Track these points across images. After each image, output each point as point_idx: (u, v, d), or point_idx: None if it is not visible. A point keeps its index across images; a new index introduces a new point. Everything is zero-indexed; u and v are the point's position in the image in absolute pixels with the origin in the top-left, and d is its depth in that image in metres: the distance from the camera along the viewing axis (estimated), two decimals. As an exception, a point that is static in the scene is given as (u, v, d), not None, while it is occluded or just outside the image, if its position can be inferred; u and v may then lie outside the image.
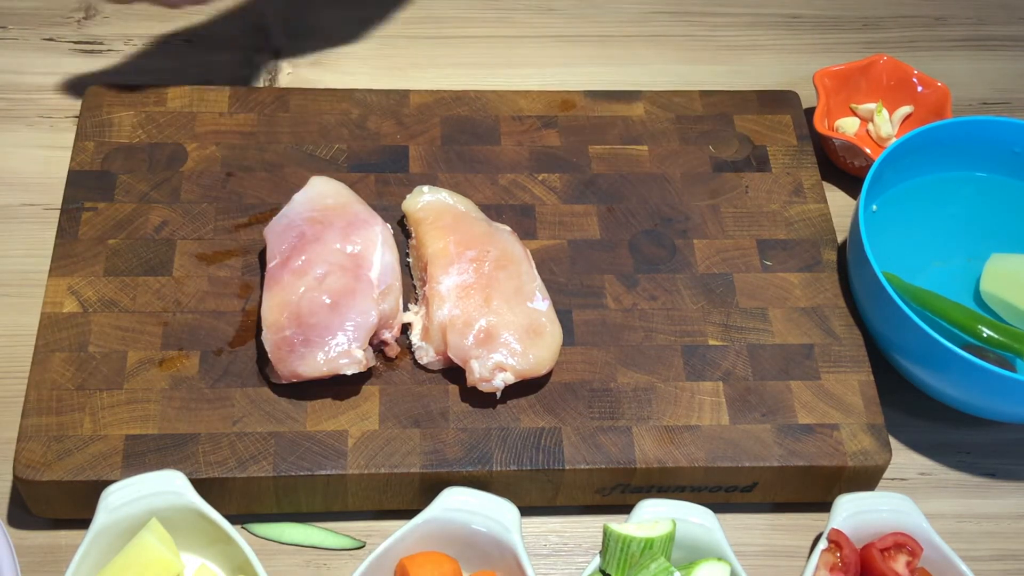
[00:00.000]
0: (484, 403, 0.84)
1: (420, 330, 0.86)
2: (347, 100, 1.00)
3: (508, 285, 0.86)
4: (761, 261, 0.93)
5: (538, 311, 0.85)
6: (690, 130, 1.01)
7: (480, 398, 0.84)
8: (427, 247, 0.88)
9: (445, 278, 0.86)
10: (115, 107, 0.97)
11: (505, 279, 0.86)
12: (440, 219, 0.89)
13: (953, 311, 0.90)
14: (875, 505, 0.81)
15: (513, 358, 0.83)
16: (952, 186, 0.98)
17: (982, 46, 1.17)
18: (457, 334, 0.83)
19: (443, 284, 0.85)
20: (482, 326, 0.84)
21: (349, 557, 0.82)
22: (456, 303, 0.85)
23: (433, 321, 0.84)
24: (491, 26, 1.14)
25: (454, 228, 0.89)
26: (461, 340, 0.83)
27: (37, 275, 0.91)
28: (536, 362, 0.83)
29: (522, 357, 0.83)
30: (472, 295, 0.85)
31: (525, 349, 0.83)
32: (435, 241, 0.88)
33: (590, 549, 0.84)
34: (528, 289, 0.86)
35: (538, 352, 0.83)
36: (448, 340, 0.83)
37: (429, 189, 0.91)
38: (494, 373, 0.82)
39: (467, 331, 0.83)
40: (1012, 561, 0.85)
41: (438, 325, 0.84)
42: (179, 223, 0.91)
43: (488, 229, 0.89)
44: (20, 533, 0.81)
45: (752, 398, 0.86)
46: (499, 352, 0.83)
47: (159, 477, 0.77)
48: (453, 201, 0.91)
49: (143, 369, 0.83)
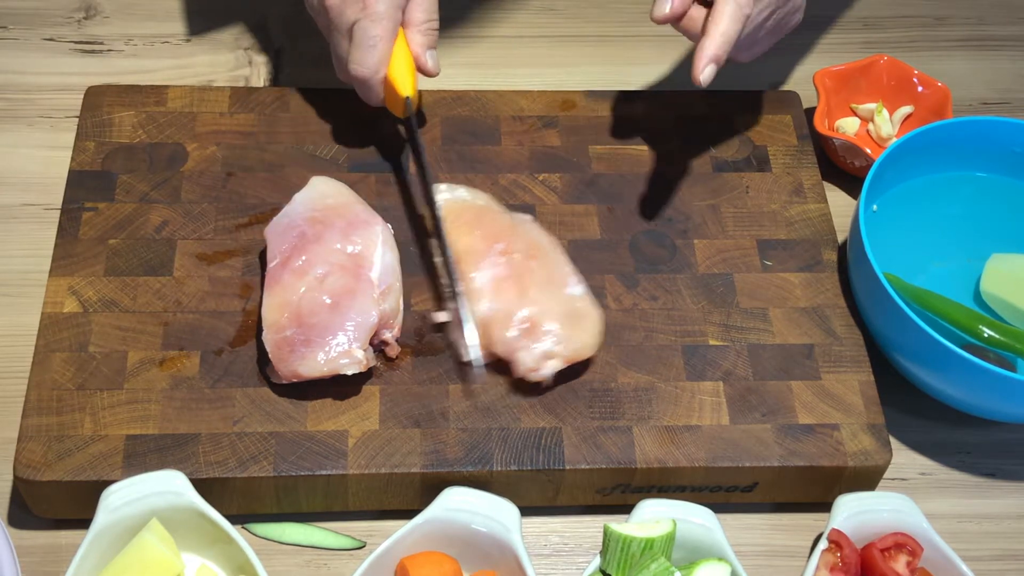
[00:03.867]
0: (486, 402, 0.84)
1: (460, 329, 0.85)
2: (347, 100, 1.00)
3: (541, 274, 0.86)
4: (761, 261, 0.93)
5: (575, 296, 0.86)
6: (690, 130, 1.01)
7: (478, 398, 0.84)
8: (453, 245, 0.88)
9: (478, 274, 0.86)
10: (115, 107, 0.97)
11: (538, 268, 0.86)
12: (461, 215, 0.90)
13: (953, 311, 0.90)
14: (875, 505, 0.81)
15: (559, 345, 0.83)
16: (952, 186, 0.99)
17: (982, 46, 1.17)
18: (500, 328, 0.83)
19: (477, 279, 0.86)
20: (524, 317, 0.84)
21: (349, 557, 0.82)
22: (493, 297, 0.85)
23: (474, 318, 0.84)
24: (491, 26, 1.14)
25: (478, 223, 0.89)
26: (505, 334, 0.83)
27: (37, 275, 0.91)
28: (582, 346, 0.84)
29: (568, 343, 0.83)
30: (508, 288, 0.85)
31: (569, 335, 0.83)
32: (460, 238, 0.88)
33: (590, 549, 0.84)
34: (561, 276, 0.87)
35: (582, 336, 0.84)
36: (492, 336, 0.83)
37: (447, 187, 0.91)
38: (542, 362, 0.82)
39: (509, 324, 0.84)
40: (1012, 561, 0.85)
41: (479, 321, 0.84)
42: (179, 223, 0.91)
43: (511, 221, 0.90)
44: (20, 533, 0.81)
45: (752, 398, 0.86)
46: (544, 341, 0.83)
47: (159, 477, 0.77)
48: (471, 196, 0.91)
49: (143, 369, 0.83)
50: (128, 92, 0.99)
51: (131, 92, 0.99)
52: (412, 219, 0.93)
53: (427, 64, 0.93)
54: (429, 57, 0.92)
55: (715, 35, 0.84)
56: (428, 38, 0.92)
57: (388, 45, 0.90)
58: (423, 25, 0.92)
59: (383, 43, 0.89)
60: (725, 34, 0.84)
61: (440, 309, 0.87)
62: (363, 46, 0.89)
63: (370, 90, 0.91)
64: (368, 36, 0.88)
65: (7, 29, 1.09)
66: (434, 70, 0.93)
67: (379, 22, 0.89)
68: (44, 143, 1.01)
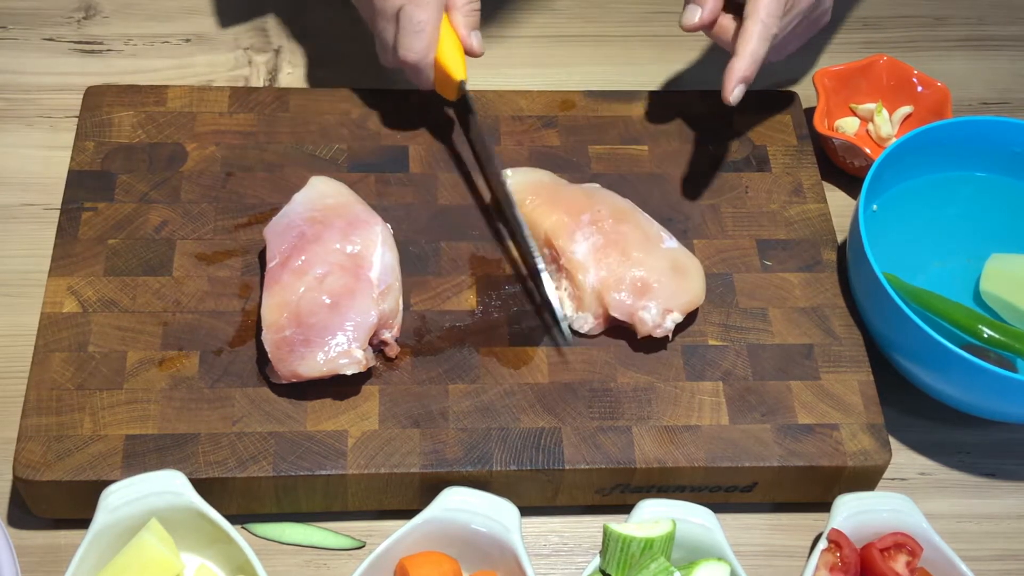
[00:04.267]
0: (485, 402, 0.84)
1: (571, 303, 0.88)
2: (347, 100, 1.00)
3: (636, 235, 0.89)
4: (761, 261, 0.93)
5: (673, 249, 0.89)
6: (690, 130, 1.01)
7: (478, 398, 0.84)
8: (541, 224, 0.90)
9: (575, 246, 0.88)
10: (115, 107, 0.97)
11: (630, 230, 0.89)
12: (538, 194, 0.92)
13: (953, 311, 0.90)
14: (875, 505, 0.81)
15: (673, 299, 0.86)
16: (952, 186, 0.98)
17: (982, 46, 1.17)
18: (613, 292, 0.86)
19: (577, 252, 0.88)
20: (634, 277, 0.87)
21: (349, 557, 0.82)
22: (598, 265, 0.87)
23: (585, 289, 0.87)
24: (492, 26, 1.14)
25: (555, 199, 0.91)
26: (619, 297, 0.86)
27: (37, 275, 0.91)
28: (693, 296, 0.87)
29: (680, 294, 0.87)
30: (609, 254, 0.88)
31: (679, 286, 0.87)
32: (546, 216, 0.90)
33: (590, 549, 0.84)
34: (654, 233, 0.90)
35: (690, 285, 0.87)
36: (607, 301, 0.86)
37: (512, 171, 0.94)
38: (664, 317, 0.85)
39: (621, 287, 0.86)
40: (1012, 561, 0.85)
41: (591, 291, 0.86)
42: (179, 223, 0.91)
43: (584, 191, 0.93)
44: (20, 533, 0.81)
45: (752, 398, 0.86)
46: (658, 297, 0.86)
47: (159, 477, 0.77)
48: (537, 176, 0.94)
49: (143, 369, 0.83)
50: (128, 92, 0.99)
51: (131, 92, 0.99)
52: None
53: (473, 45, 0.94)
54: (474, 38, 0.94)
55: (744, 55, 0.87)
56: (471, 19, 0.94)
57: (435, 29, 0.91)
58: (466, 7, 0.94)
59: (430, 27, 0.91)
60: (754, 54, 0.87)
61: (520, 288, 0.90)
62: (410, 31, 0.90)
63: (420, 74, 0.93)
64: (415, 21, 0.90)
65: (7, 29, 1.09)
66: (479, 50, 0.95)
67: (425, 7, 0.90)
68: (44, 143, 1.01)
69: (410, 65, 0.92)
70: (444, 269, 0.91)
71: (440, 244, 0.92)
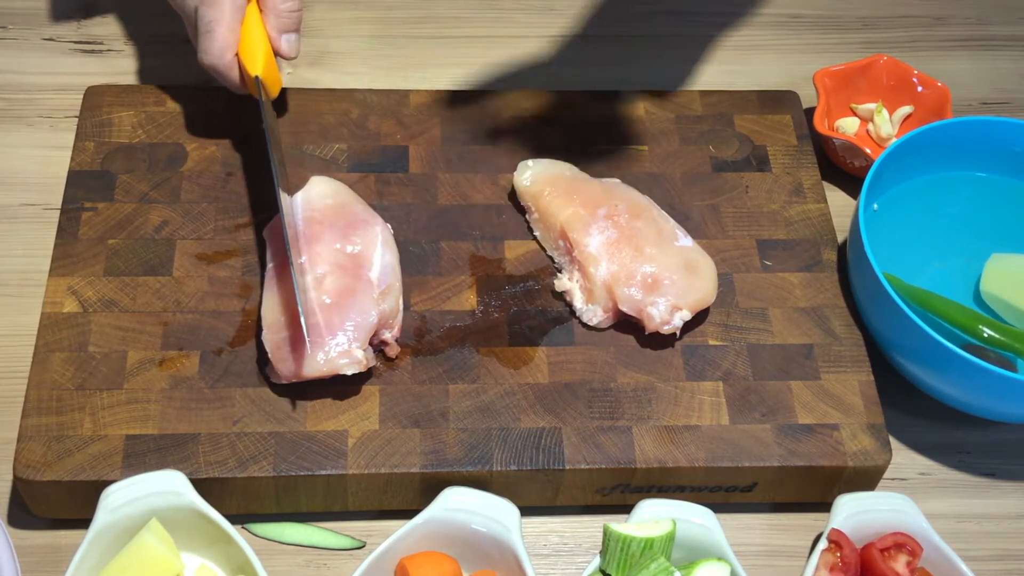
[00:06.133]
0: (485, 402, 0.84)
1: (581, 295, 0.88)
2: (347, 100, 1.00)
3: (650, 231, 0.90)
4: (761, 261, 0.93)
5: (686, 247, 0.90)
6: (690, 130, 1.01)
7: (478, 398, 0.84)
8: (557, 216, 0.91)
9: (589, 239, 0.89)
10: (115, 107, 0.97)
11: (645, 226, 0.90)
12: (555, 186, 0.92)
13: (953, 311, 0.90)
14: (875, 505, 0.81)
15: (683, 296, 0.86)
16: (952, 186, 0.98)
17: (982, 46, 1.17)
18: (623, 287, 0.86)
19: (590, 245, 0.88)
20: (645, 273, 0.87)
21: (349, 557, 0.82)
22: (610, 259, 0.88)
23: (595, 281, 0.87)
24: (491, 26, 1.14)
25: (573, 191, 0.92)
26: (629, 292, 0.86)
27: (37, 275, 0.91)
28: (703, 295, 0.88)
29: (690, 292, 0.87)
30: (622, 248, 0.88)
31: (689, 284, 0.87)
32: (563, 208, 0.91)
33: (590, 549, 0.84)
34: (670, 230, 0.90)
35: (701, 284, 0.88)
36: (617, 295, 0.86)
37: (533, 162, 0.94)
38: (672, 314, 0.85)
39: (631, 282, 0.87)
40: (1012, 561, 0.85)
41: (602, 284, 0.87)
42: (179, 223, 0.91)
43: (603, 185, 0.93)
44: (20, 533, 0.81)
45: (752, 398, 0.86)
46: (668, 294, 0.86)
47: (159, 477, 0.77)
48: (558, 168, 0.94)
49: (143, 369, 0.83)
50: (128, 92, 0.99)
51: (131, 92, 0.99)
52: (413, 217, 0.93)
53: (282, 47, 0.92)
54: (284, 40, 0.92)
55: None
56: (285, 21, 0.91)
57: (226, 28, 0.88)
58: (281, 7, 0.91)
59: (219, 27, 0.88)
60: None
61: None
62: (202, 32, 0.88)
63: (221, 76, 0.90)
64: (204, 21, 0.88)
65: (7, 29, 1.09)
66: (289, 53, 0.92)
67: (214, 6, 0.88)
68: (44, 143, 1.01)
69: (207, 68, 0.89)
70: (444, 269, 0.91)
71: (440, 244, 0.92)
